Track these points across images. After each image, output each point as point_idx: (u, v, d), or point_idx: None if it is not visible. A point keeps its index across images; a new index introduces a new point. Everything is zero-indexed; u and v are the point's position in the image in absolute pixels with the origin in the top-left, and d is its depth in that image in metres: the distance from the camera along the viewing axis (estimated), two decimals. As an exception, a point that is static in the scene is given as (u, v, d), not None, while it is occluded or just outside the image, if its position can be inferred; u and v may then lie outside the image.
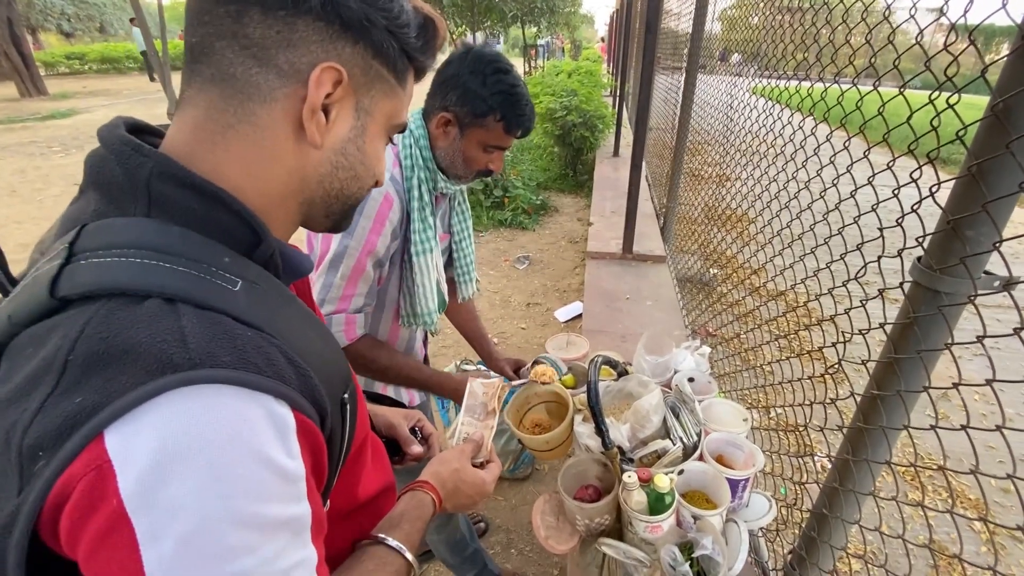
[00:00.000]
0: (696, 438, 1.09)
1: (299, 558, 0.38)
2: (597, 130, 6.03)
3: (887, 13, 0.97)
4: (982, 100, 0.66)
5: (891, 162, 0.93)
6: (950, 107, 0.75)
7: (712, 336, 2.60)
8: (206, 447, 0.34)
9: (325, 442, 0.44)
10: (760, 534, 1.37)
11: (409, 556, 0.59)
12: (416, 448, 0.87)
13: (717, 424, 1.15)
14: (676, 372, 1.30)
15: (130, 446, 0.33)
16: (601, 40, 29.94)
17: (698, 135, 3.43)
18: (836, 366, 1.08)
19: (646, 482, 0.96)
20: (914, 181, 0.81)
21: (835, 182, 1.18)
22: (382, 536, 0.60)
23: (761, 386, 1.78)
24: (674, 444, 1.06)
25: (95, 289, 0.37)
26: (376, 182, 0.54)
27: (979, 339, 0.69)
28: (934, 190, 0.75)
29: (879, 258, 0.90)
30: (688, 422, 1.11)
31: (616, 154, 6.42)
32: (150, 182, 0.41)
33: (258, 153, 0.45)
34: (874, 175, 0.96)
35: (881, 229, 0.91)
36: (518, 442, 2.05)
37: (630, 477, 0.96)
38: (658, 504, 0.93)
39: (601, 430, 1.03)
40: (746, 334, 2.38)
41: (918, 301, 0.76)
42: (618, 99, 7.32)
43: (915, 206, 0.82)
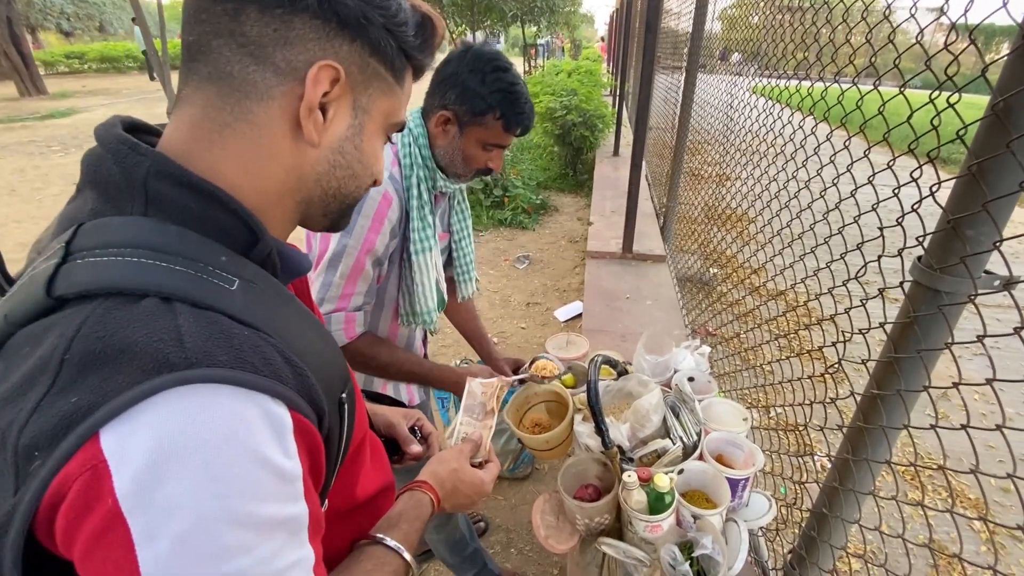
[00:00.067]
0: (696, 437, 1.09)
1: (296, 558, 0.38)
2: (597, 129, 6.02)
3: (887, 12, 0.97)
4: (982, 99, 0.65)
5: (891, 161, 0.93)
6: (950, 106, 0.75)
7: (712, 335, 2.60)
8: (202, 446, 0.33)
9: (323, 442, 0.44)
10: (760, 533, 1.37)
11: (407, 556, 0.59)
12: (415, 447, 0.87)
13: (717, 423, 1.15)
14: (676, 371, 1.30)
15: (126, 446, 0.33)
16: (601, 39, 29.93)
17: (698, 134, 3.43)
18: (836, 365, 1.07)
19: (646, 481, 0.96)
20: (914, 180, 0.81)
21: (835, 181, 1.18)
22: (380, 536, 0.59)
23: (761, 385, 1.78)
24: (674, 443, 1.06)
25: (91, 288, 0.37)
26: (375, 181, 0.54)
27: (979, 338, 0.69)
28: (934, 189, 0.75)
29: (879, 257, 0.90)
30: (688, 421, 1.11)
31: (616, 153, 6.42)
32: (147, 181, 0.40)
33: (255, 151, 0.44)
34: (874, 174, 0.96)
35: (881, 228, 0.91)
36: (518, 441, 2.05)
37: (630, 476, 0.96)
38: (658, 503, 0.93)
39: (601, 429, 1.03)
40: (746, 333, 2.38)
41: (918, 300, 0.76)
42: (618, 98, 7.31)
43: (915, 205, 0.81)
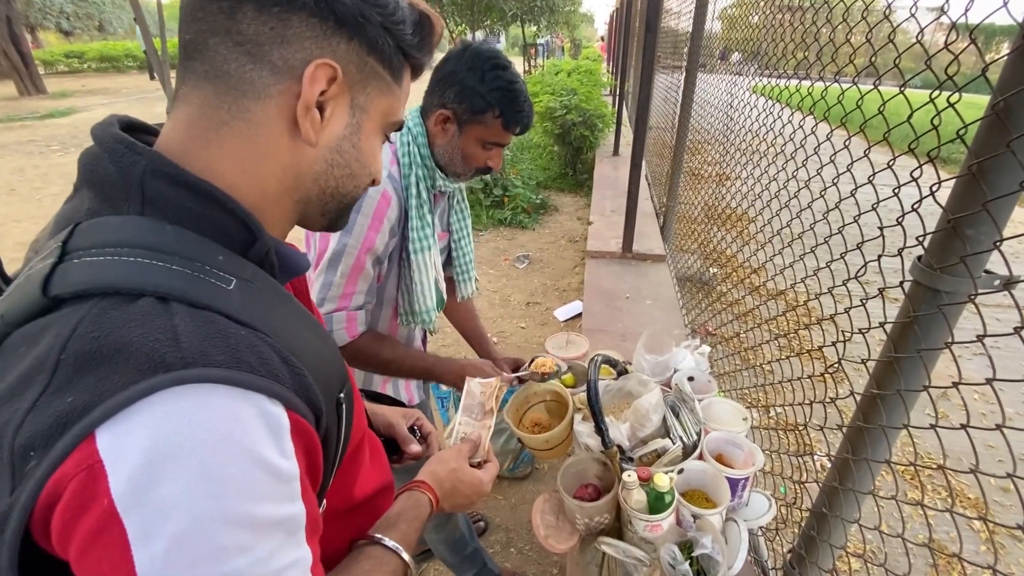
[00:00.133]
0: (696, 437, 1.09)
1: (293, 558, 0.38)
2: (597, 129, 6.02)
3: (887, 12, 0.96)
4: (983, 99, 0.65)
5: (891, 161, 0.93)
6: (950, 106, 0.75)
7: (712, 335, 2.60)
8: (198, 446, 0.33)
9: (320, 442, 0.43)
10: (760, 533, 1.37)
11: (406, 556, 0.59)
12: (414, 447, 0.87)
13: (717, 423, 1.15)
14: (676, 371, 1.30)
15: (121, 446, 0.32)
16: (601, 39, 29.93)
17: (698, 134, 3.43)
18: (836, 365, 1.07)
19: (646, 481, 0.96)
20: (914, 180, 0.81)
21: (835, 181, 1.18)
22: (379, 536, 0.59)
23: (761, 385, 1.78)
24: (674, 443, 1.06)
25: (88, 288, 0.36)
26: (373, 181, 0.54)
27: (979, 338, 0.69)
28: (934, 189, 0.75)
29: (879, 257, 0.90)
30: (688, 421, 1.11)
31: (616, 153, 6.42)
32: (143, 180, 0.40)
33: (252, 150, 0.44)
34: (874, 174, 0.96)
35: (881, 228, 0.91)
36: (518, 441, 2.05)
37: (630, 476, 0.96)
38: (658, 503, 0.93)
39: (601, 429, 1.03)
40: (746, 333, 2.38)
41: (918, 300, 0.76)
42: (618, 98, 7.31)
43: (915, 205, 0.81)
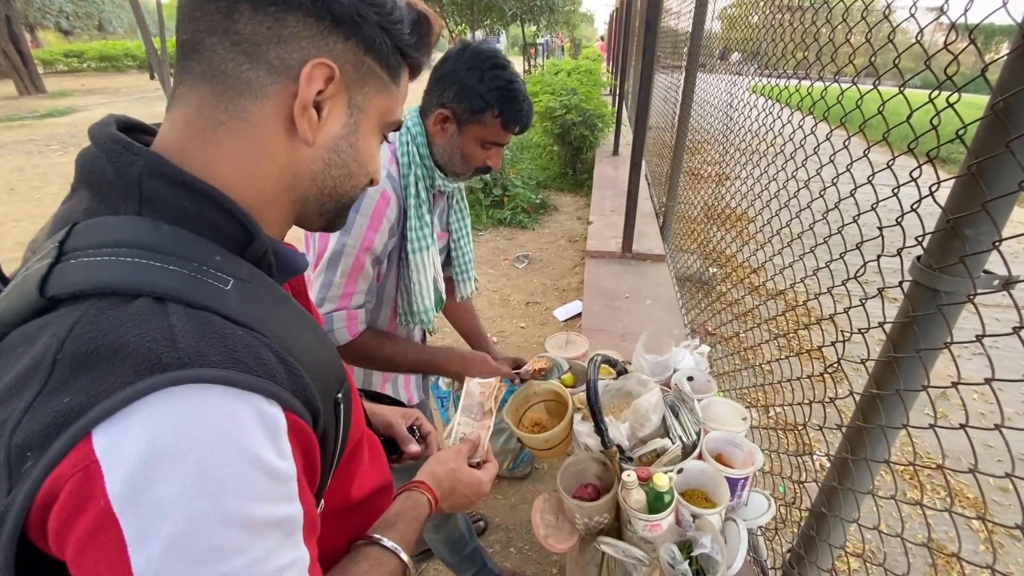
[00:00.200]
0: (695, 437, 1.09)
1: (291, 558, 0.38)
2: (596, 129, 6.02)
3: (887, 12, 0.96)
4: (982, 99, 0.65)
5: (891, 161, 0.93)
6: (950, 106, 0.75)
7: (711, 335, 2.60)
8: (195, 447, 0.33)
9: (318, 442, 0.43)
10: (759, 533, 1.37)
11: (404, 557, 0.59)
12: (414, 447, 0.87)
13: (716, 423, 1.15)
14: (675, 371, 1.30)
15: (118, 446, 0.32)
16: (601, 39, 29.92)
17: (698, 134, 3.43)
18: (835, 365, 1.07)
19: (645, 481, 0.96)
20: (914, 180, 0.81)
21: (835, 181, 1.18)
22: (377, 537, 0.59)
23: (760, 385, 1.78)
24: (673, 443, 1.06)
25: (85, 288, 0.36)
26: (371, 181, 0.54)
27: (978, 338, 0.69)
28: (934, 189, 0.75)
29: (878, 257, 0.90)
30: (687, 421, 1.11)
31: (616, 153, 6.42)
32: (141, 180, 0.40)
33: (249, 150, 0.44)
34: (874, 174, 0.96)
35: (880, 228, 0.91)
36: (517, 441, 2.05)
37: (629, 476, 0.96)
38: (657, 503, 0.93)
39: (600, 429, 1.02)
40: (745, 333, 2.38)
41: (917, 300, 0.76)
42: (618, 98, 7.31)
43: (915, 205, 0.81)
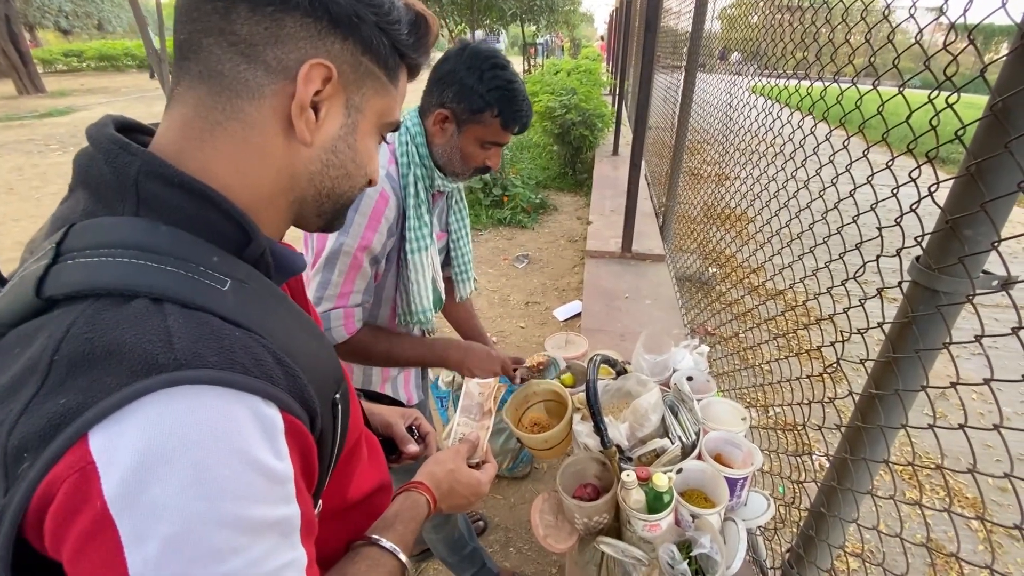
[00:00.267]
0: (695, 437, 1.09)
1: (288, 559, 0.38)
2: (596, 129, 6.01)
3: (887, 12, 0.96)
4: (981, 99, 0.65)
5: (890, 161, 0.93)
6: (949, 106, 0.75)
7: (711, 335, 2.60)
8: (191, 448, 0.33)
9: (315, 443, 0.43)
10: (758, 533, 1.37)
11: (403, 557, 0.59)
12: (412, 447, 0.86)
13: (715, 423, 1.15)
14: (675, 371, 1.30)
15: (114, 447, 0.32)
16: (600, 38, 29.92)
17: (697, 134, 3.43)
18: (834, 365, 1.07)
19: (644, 481, 0.96)
20: (913, 180, 0.81)
21: (834, 181, 1.18)
22: (375, 537, 0.59)
23: (760, 385, 1.78)
24: (672, 443, 1.06)
25: (81, 289, 0.36)
26: (369, 181, 0.54)
27: (977, 339, 0.69)
28: (933, 189, 0.75)
29: (878, 257, 0.90)
30: (687, 421, 1.11)
31: (615, 153, 6.42)
32: (138, 181, 0.40)
33: (247, 150, 0.44)
34: (873, 174, 0.96)
35: (880, 228, 0.91)
36: (517, 440, 2.05)
37: (628, 476, 0.96)
38: (656, 503, 0.93)
39: (600, 429, 1.02)
40: (745, 333, 2.38)
41: (916, 300, 0.76)
42: (617, 97, 7.31)
43: (914, 205, 0.81)
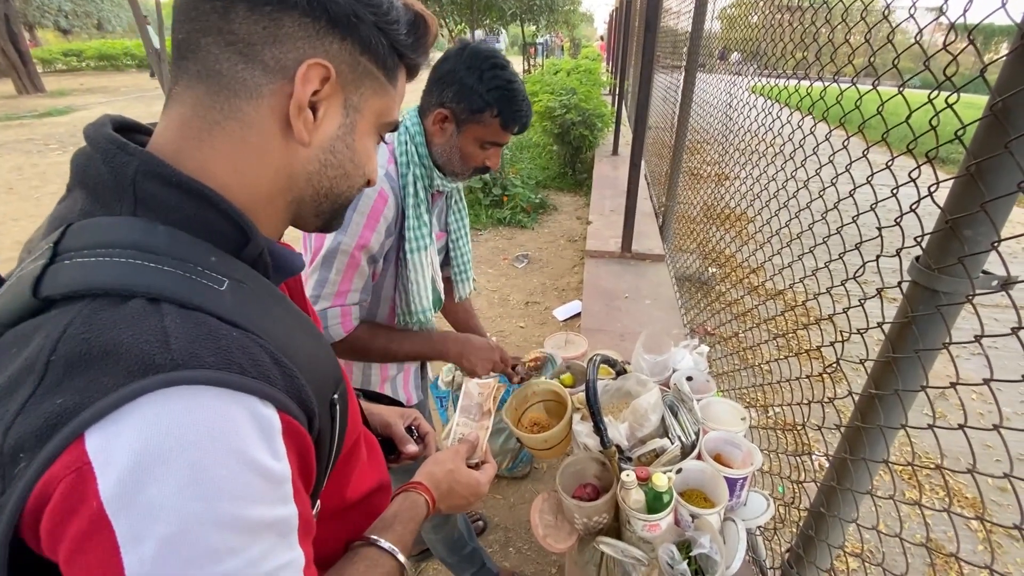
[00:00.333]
0: (694, 437, 1.09)
1: (286, 560, 0.38)
2: (596, 128, 6.01)
3: (886, 12, 0.96)
4: (981, 100, 0.65)
5: (890, 161, 0.93)
6: (949, 107, 0.75)
7: (710, 335, 2.60)
8: (188, 448, 0.33)
9: (313, 443, 0.43)
10: (758, 533, 1.37)
11: (401, 558, 0.59)
12: (412, 447, 0.86)
13: (715, 423, 1.15)
14: (674, 371, 1.30)
15: (111, 448, 0.32)
16: (600, 38, 29.91)
17: (697, 134, 3.43)
18: (834, 365, 1.07)
19: (644, 481, 0.96)
20: (913, 181, 0.81)
21: (834, 181, 1.18)
22: (374, 538, 0.59)
23: (759, 385, 1.78)
24: (672, 443, 1.06)
25: (78, 289, 0.36)
26: (368, 181, 0.54)
27: (977, 339, 0.69)
28: (933, 190, 0.75)
29: (877, 257, 0.90)
30: (686, 421, 1.11)
31: (615, 152, 6.42)
32: (135, 181, 0.40)
33: (245, 150, 0.44)
34: (873, 174, 0.96)
35: (880, 228, 0.91)
36: (516, 440, 2.05)
37: (628, 476, 0.96)
38: (656, 503, 0.93)
39: (599, 429, 1.02)
40: (744, 333, 2.38)
41: (916, 300, 0.75)
42: (617, 97, 7.31)
43: (914, 205, 0.81)
